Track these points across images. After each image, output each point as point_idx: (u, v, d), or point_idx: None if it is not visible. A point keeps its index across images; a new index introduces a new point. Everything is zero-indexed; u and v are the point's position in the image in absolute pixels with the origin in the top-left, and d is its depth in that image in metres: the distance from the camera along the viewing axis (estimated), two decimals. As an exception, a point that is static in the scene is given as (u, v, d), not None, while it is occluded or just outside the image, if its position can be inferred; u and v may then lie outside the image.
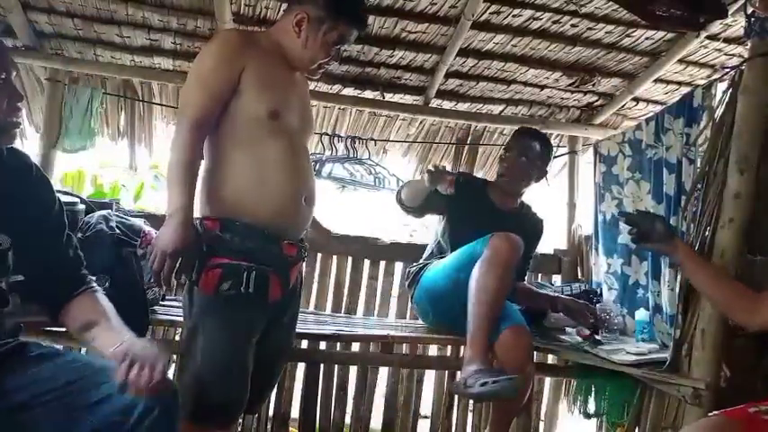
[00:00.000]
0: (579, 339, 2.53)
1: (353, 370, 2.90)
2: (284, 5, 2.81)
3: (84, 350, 2.38)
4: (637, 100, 3.45)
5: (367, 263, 3.24)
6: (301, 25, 1.78)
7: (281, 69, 1.81)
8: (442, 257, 2.65)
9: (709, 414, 1.60)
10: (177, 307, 2.61)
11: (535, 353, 2.70)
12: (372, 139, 3.59)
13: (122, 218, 2.47)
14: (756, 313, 1.65)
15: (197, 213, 1.69)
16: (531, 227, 2.79)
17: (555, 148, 3.67)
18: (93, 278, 1.50)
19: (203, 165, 1.75)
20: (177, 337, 2.92)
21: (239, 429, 2.82)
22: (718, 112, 2.20)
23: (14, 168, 1.39)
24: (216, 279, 1.63)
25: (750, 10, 2.04)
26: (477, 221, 2.59)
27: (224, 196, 1.71)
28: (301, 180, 1.78)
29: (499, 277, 2.22)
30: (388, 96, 3.40)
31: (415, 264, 2.78)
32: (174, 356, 3.06)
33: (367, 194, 3.86)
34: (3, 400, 1.25)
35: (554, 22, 2.90)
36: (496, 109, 3.51)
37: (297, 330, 2.56)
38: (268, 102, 1.71)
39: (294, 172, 1.75)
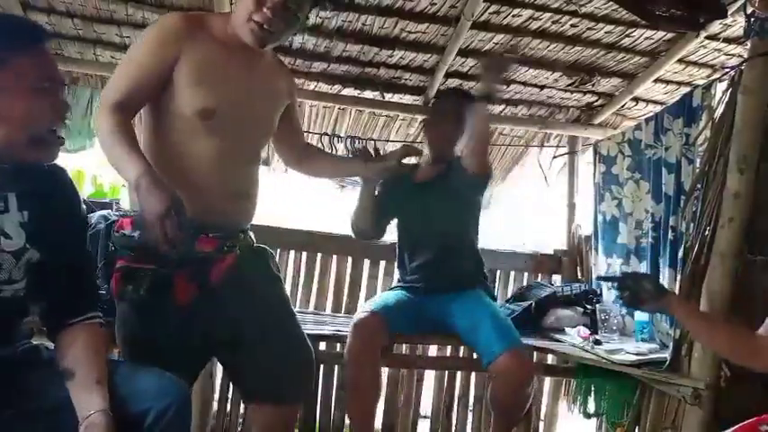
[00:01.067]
0: (579, 339, 2.53)
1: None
2: (284, 5, 2.84)
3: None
4: (636, 100, 3.45)
5: (367, 263, 3.24)
6: None
7: (231, 59, 1.63)
8: (404, 284, 2.62)
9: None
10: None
11: (535, 353, 2.71)
12: (372, 139, 3.59)
13: (122, 218, 2.47)
14: (758, 355, 1.62)
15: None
16: (449, 172, 2.48)
17: (555, 149, 3.69)
18: (100, 312, 1.43)
19: None
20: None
21: (239, 429, 2.82)
22: (718, 112, 2.20)
23: (53, 184, 1.38)
24: (117, 282, 1.58)
25: (750, 10, 2.04)
26: (408, 214, 2.57)
27: None
28: (229, 179, 1.65)
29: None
30: (388, 96, 3.40)
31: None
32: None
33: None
34: (15, 404, 1.24)
35: (554, 22, 2.90)
36: (496, 109, 3.51)
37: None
38: (202, 99, 1.58)
39: (221, 172, 1.63)
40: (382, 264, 3.24)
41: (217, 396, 2.79)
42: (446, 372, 3.08)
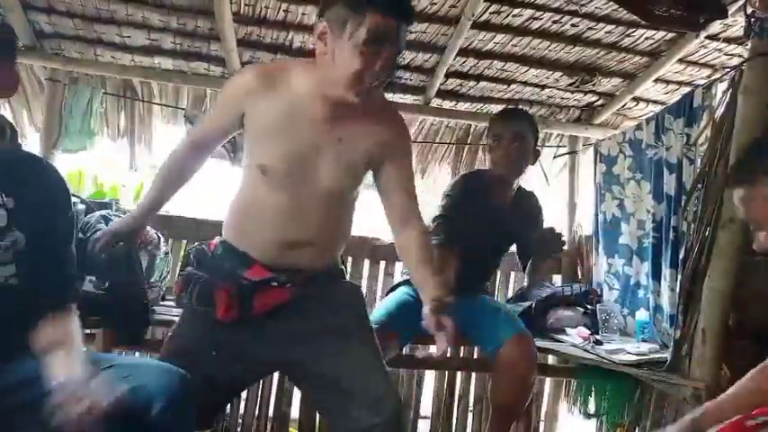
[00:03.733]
0: (580, 340, 2.53)
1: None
2: (284, 5, 2.84)
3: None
4: (637, 100, 3.45)
5: (367, 263, 3.24)
6: (325, 38, 1.51)
7: (306, 111, 1.59)
8: None
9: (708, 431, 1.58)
10: (177, 307, 2.62)
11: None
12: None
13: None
14: None
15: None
16: (527, 214, 2.66)
17: (555, 149, 3.69)
18: (75, 304, 1.46)
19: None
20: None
21: (239, 429, 2.82)
22: (719, 112, 2.20)
23: (38, 175, 1.42)
24: (178, 287, 1.73)
25: (750, 10, 2.04)
26: (466, 221, 2.47)
27: (227, 218, 1.76)
28: (283, 231, 1.64)
29: None
30: (388, 96, 3.39)
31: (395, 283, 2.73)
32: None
33: (367, 194, 3.85)
34: (7, 398, 1.25)
35: (554, 22, 2.90)
36: (496, 109, 3.48)
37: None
38: (261, 155, 1.62)
39: (274, 222, 1.63)
40: (382, 264, 3.23)
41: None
42: (446, 372, 3.08)
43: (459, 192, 2.55)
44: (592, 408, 2.69)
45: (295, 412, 2.81)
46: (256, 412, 2.81)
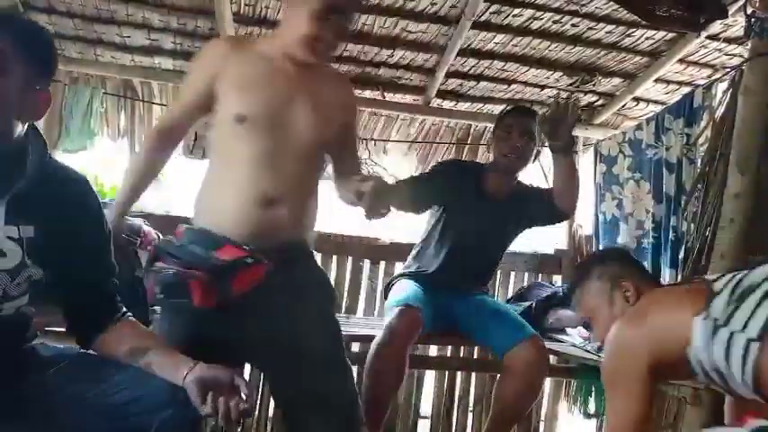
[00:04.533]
0: (580, 340, 2.53)
1: (353, 370, 2.89)
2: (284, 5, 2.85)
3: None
4: (637, 100, 3.45)
5: (367, 263, 3.24)
6: (285, 3, 1.69)
7: (273, 71, 1.68)
8: (419, 271, 2.56)
9: (704, 430, 1.58)
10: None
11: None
12: (372, 139, 3.59)
13: (122, 218, 2.47)
14: None
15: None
16: (526, 199, 2.55)
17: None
18: (124, 307, 1.45)
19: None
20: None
21: (239, 429, 2.82)
22: (719, 113, 2.20)
23: (64, 194, 1.32)
24: (150, 286, 1.62)
25: (750, 10, 2.04)
26: (464, 216, 2.46)
27: (195, 202, 1.74)
28: (261, 184, 1.62)
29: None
30: (389, 96, 3.40)
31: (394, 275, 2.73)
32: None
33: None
34: (20, 404, 1.23)
35: (554, 22, 2.90)
36: (496, 109, 3.49)
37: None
38: (237, 105, 1.63)
39: (251, 176, 1.62)
40: (382, 264, 3.23)
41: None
42: (446, 372, 3.08)
43: (448, 165, 2.60)
44: (592, 408, 2.70)
45: (295, 412, 2.80)
46: (256, 412, 2.81)
